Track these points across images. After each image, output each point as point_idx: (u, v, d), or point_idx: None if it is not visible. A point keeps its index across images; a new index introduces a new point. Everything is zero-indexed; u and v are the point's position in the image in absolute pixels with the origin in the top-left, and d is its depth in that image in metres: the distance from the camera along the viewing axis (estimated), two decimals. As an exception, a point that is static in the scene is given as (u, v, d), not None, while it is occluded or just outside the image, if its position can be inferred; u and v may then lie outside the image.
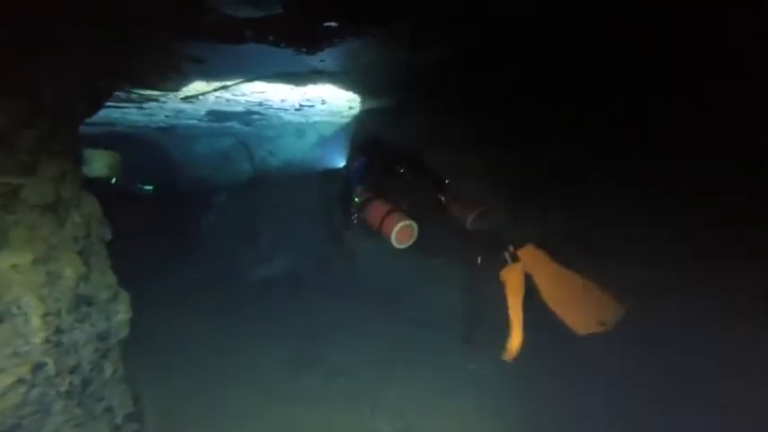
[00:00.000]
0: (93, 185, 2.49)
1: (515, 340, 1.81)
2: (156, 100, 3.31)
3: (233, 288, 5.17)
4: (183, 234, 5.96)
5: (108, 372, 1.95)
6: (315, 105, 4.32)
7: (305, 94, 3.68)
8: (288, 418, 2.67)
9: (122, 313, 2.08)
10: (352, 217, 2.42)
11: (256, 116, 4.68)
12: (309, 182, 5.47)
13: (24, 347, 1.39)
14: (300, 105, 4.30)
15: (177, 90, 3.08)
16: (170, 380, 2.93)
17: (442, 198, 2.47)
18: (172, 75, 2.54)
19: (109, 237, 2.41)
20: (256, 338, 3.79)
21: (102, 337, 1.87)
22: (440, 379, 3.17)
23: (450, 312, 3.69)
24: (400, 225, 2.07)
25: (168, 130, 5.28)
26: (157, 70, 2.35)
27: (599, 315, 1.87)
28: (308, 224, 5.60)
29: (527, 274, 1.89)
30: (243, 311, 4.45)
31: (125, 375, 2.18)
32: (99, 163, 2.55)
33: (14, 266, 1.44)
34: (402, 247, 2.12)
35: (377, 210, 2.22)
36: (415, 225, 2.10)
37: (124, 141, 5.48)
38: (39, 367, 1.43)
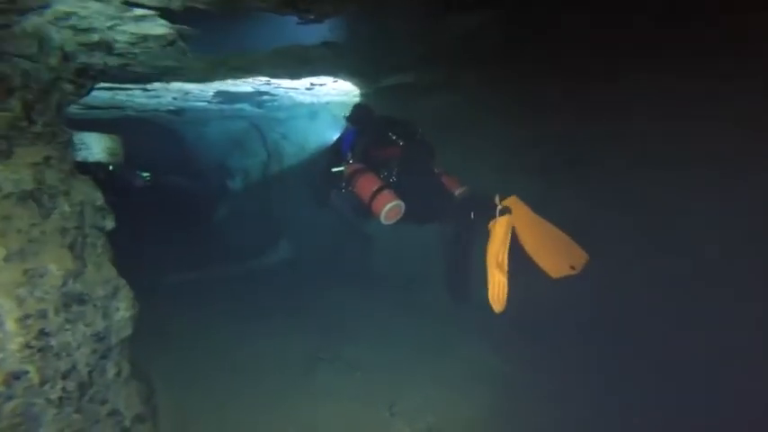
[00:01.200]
0: (90, 172, 2.32)
1: (495, 288, 1.79)
2: (159, 80, 3.07)
3: (247, 280, 5.07)
4: (188, 229, 5.79)
5: (111, 373, 1.81)
6: (326, 84, 3.98)
7: (314, 71, 3.35)
8: (306, 417, 2.52)
9: (123, 310, 1.92)
10: (341, 187, 2.39)
11: (266, 97, 4.40)
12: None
13: (-3, 356, 1.22)
14: (312, 84, 3.97)
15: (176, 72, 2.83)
16: (185, 376, 2.83)
17: (435, 169, 2.45)
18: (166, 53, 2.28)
19: (110, 226, 2.24)
20: (272, 332, 3.67)
21: (100, 337, 1.71)
22: (460, 374, 2.94)
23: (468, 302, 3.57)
24: (391, 205, 2.09)
25: (178, 113, 5.10)
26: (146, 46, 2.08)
27: (570, 260, 1.99)
28: (324, 211, 5.38)
29: (513, 226, 1.94)
30: (257, 303, 4.34)
31: (133, 374, 2.06)
32: (97, 147, 2.35)
33: (-16, 265, 1.26)
34: (389, 223, 2.15)
35: (366, 184, 2.21)
36: (402, 204, 2.12)
37: (135, 125, 5.37)
38: (16, 377, 1.26)
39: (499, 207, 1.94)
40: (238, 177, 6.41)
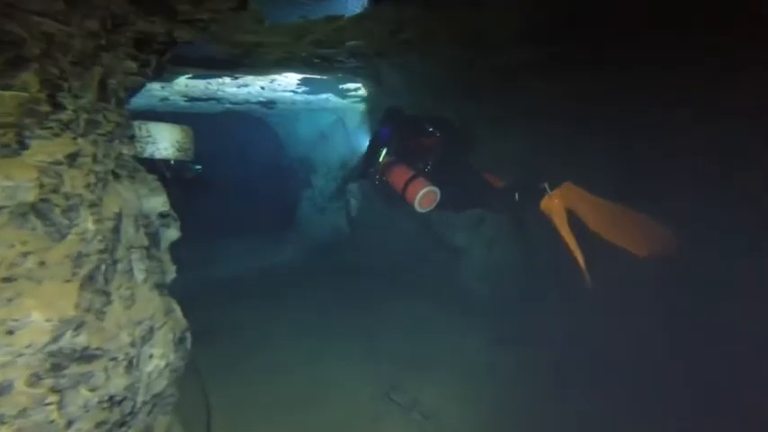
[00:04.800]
0: (157, 170, 1.95)
1: (575, 256, 1.89)
2: (243, 63, 2.67)
3: (318, 283, 4.66)
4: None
5: (132, 441, 1.34)
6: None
7: (408, 42, 2.50)
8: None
9: (158, 358, 1.45)
10: (375, 179, 2.40)
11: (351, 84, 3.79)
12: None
13: None
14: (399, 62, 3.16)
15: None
16: (242, 399, 2.44)
17: (473, 164, 2.37)
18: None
19: (174, 236, 1.86)
20: (343, 351, 3.15)
21: (114, 402, 1.23)
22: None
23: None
24: (424, 191, 2.07)
25: (269, 104, 4.94)
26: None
27: (657, 240, 1.89)
28: (405, 217, 4.63)
29: (569, 210, 1.93)
30: (327, 312, 3.85)
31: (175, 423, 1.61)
32: (166, 141, 1.97)
33: None
34: (424, 211, 2.12)
35: (400, 174, 2.20)
36: (437, 191, 2.10)
37: (235, 119, 5.42)
38: None
39: (547, 185, 1.93)
40: (320, 172, 6.12)
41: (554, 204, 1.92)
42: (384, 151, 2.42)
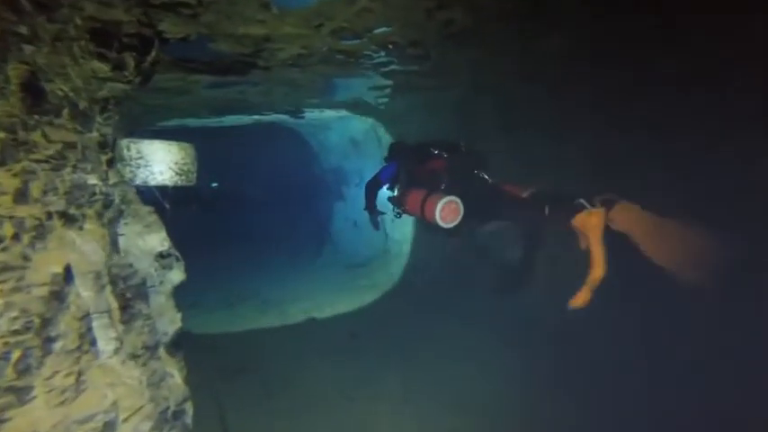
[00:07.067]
0: (155, 200, 1.55)
1: (597, 272, 1.74)
2: (257, 63, 2.24)
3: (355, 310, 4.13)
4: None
5: None
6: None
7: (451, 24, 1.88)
8: None
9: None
10: (394, 213, 2.37)
11: (380, 83, 3.24)
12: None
13: None
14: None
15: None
16: None
17: (486, 177, 2.22)
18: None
19: (177, 279, 1.48)
20: (382, 390, 2.59)
21: None
22: None
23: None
24: (443, 202, 1.94)
25: (297, 113, 4.57)
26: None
27: (716, 258, 1.68)
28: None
29: (623, 233, 1.79)
30: (362, 338, 3.32)
31: None
32: (162, 163, 1.56)
33: None
34: (450, 225, 1.99)
35: (415, 197, 2.15)
36: (458, 200, 1.97)
37: (267, 130, 5.12)
38: None
39: (584, 201, 1.80)
40: (353, 182, 5.66)
41: (591, 222, 1.77)
42: (395, 188, 2.39)
